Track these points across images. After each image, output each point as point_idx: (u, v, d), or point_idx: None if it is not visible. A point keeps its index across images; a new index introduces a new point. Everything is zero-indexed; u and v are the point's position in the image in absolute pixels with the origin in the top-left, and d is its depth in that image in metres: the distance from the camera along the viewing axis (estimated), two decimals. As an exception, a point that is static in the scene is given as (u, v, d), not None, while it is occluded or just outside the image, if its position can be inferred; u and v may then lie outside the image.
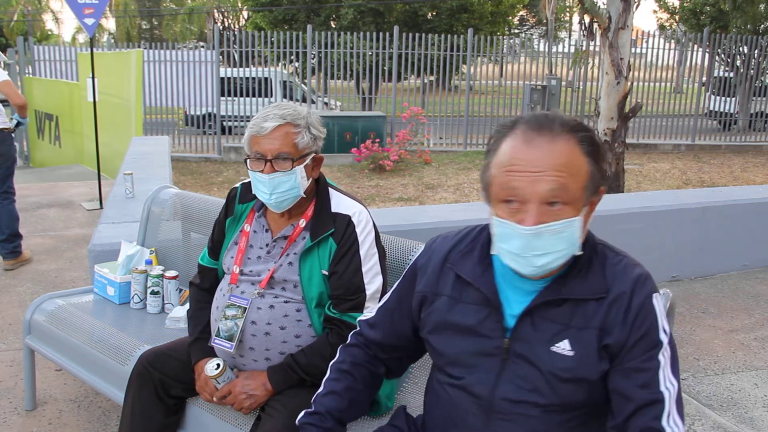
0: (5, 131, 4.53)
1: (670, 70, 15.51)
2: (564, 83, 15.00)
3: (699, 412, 2.87)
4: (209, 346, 1.93)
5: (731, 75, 15.13)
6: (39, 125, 10.23)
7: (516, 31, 35.15)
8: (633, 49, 8.44)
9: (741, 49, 14.59)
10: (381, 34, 12.84)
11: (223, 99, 12.46)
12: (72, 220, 6.02)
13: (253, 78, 13.38)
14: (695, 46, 14.28)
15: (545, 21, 30.25)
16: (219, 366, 1.81)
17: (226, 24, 40.27)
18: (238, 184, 2.07)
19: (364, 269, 1.86)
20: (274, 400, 1.80)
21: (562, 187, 1.22)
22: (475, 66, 15.28)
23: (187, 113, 13.50)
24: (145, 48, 11.89)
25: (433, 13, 21.05)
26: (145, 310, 2.62)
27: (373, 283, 1.87)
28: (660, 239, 4.47)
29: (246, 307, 1.87)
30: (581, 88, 14.16)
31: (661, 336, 1.29)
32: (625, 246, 4.82)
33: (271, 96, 14.31)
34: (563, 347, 1.30)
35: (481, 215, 1.40)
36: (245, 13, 35.95)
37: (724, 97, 15.32)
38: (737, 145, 14.06)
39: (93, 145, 6.83)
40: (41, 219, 6.04)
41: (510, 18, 26.07)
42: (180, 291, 2.62)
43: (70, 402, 2.82)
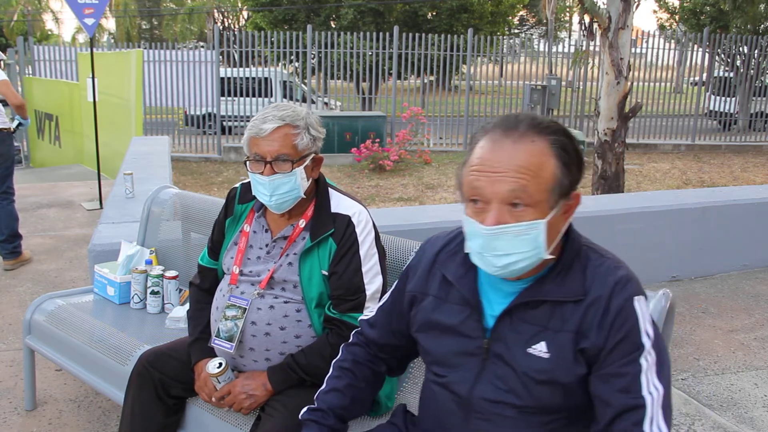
0: (5, 131, 4.53)
1: (670, 70, 15.51)
2: (564, 83, 15.00)
3: (699, 412, 2.87)
4: (209, 347, 1.93)
5: (731, 75, 15.13)
6: (39, 125, 10.23)
7: (516, 31, 35.15)
8: (633, 49, 8.44)
9: (741, 49, 14.59)
10: (381, 34, 12.84)
11: (223, 99, 12.46)
12: (72, 220, 6.02)
13: (253, 78, 13.38)
14: (695, 46, 14.29)
15: (545, 21, 30.25)
16: (221, 365, 1.81)
17: (226, 24, 40.27)
18: (238, 185, 2.07)
19: (364, 269, 1.86)
20: (274, 400, 1.80)
21: (522, 188, 1.21)
22: (475, 66, 15.28)
23: (187, 113, 13.51)
24: (145, 48, 11.89)
25: (433, 13, 21.05)
26: (145, 310, 2.62)
27: (373, 283, 1.87)
28: (660, 239, 4.47)
29: (246, 308, 1.87)
30: (581, 88, 14.16)
31: (642, 339, 1.25)
32: (625, 246, 4.82)
33: (271, 96, 14.31)
34: (539, 349, 1.29)
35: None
36: (245, 13, 35.95)
37: (724, 97, 15.32)
38: (737, 145, 14.06)
39: (93, 145, 6.83)
40: (41, 219, 6.04)
41: (510, 18, 26.07)
42: (180, 291, 2.62)
43: (70, 402, 2.82)
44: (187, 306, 2.25)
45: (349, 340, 1.63)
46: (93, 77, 6.70)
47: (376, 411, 1.88)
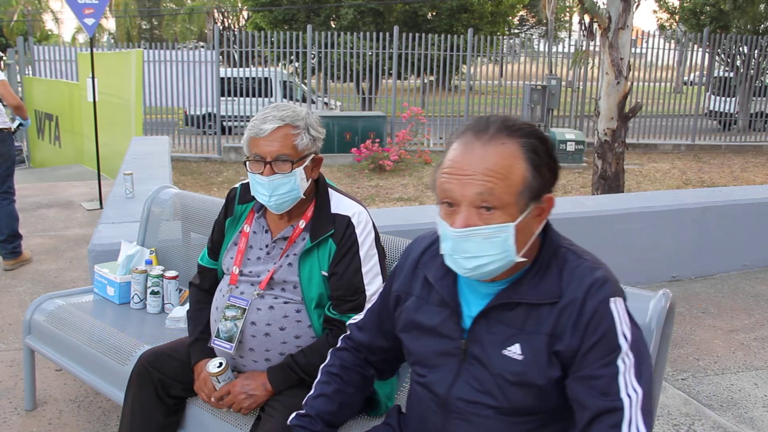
0: (6, 131, 4.53)
1: (670, 70, 15.51)
2: (564, 83, 14.98)
3: (699, 412, 2.87)
4: (209, 347, 1.93)
5: (731, 75, 15.13)
6: (39, 125, 10.23)
7: (516, 31, 35.14)
8: (633, 49, 8.44)
9: (741, 49, 14.60)
10: (381, 34, 12.84)
11: (223, 99, 12.46)
12: (72, 220, 6.02)
13: (253, 78, 13.38)
14: (695, 46, 14.29)
15: (545, 21, 30.24)
16: (221, 365, 1.81)
17: (226, 24, 40.27)
18: (238, 185, 2.07)
19: (363, 270, 1.86)
20: (274, 400, 1.80)
21: (489, 191, 1.21)
22: (475, 66, 15.28)
23: (187, 113, 13.51)
24: (145, 48, 11.90)
25: (433, 13, 21.05)
26: (145, 310, 2.62)
27: (373, 283, 1.87)
28: (660, 239, 4.47)
29: (245, 308, 1.87)
30: (581, 88, 14.16)
31: (620, 341, 1.23)
32: (625, 246, 4.79)
33: (271, 96, 14.31)
34: (514, 351, 1.29)
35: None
36: (245, 13, 35.95)
37: (724, 97, 15.33)
38: (737, 145, 14.07)
39: (93, 145, 6.83)
40: (41, 219, 6.04)
41: (510, 18, 26.09)
42: (180, 291, 2.62)
43: (70, 402, 2.82)
44: (186, 306, 2.25)
45: (337, 345, 1.63)
46: (93, 77, 6.70)
47: (376, 411, 1.88)
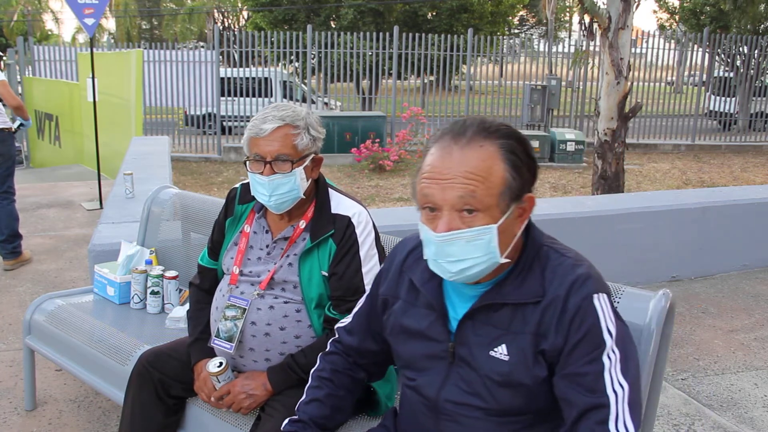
0: (6, 131, 4.53)
1: (670, 70, 15.51)
2: (564, 83, 14.99)
3: (699, 412, 2.87)
4: (209, 347, 1.93)
5: (731, 75, 15.13)
6: (39, 125, 10.24)
7: (516, 31, 35.15)
8: (633, 49, 8.44)
9: (741, 49, 14.60)
10: (381, 34, 12.85)
11: (223, 99, 12.46)
12: (72, 220, 6.02)
13: (253, 78, 13.38)
14: (695, 46, 14.29)
15: (545, 21, 30.24)
16: (221, 364, 1.81)
17: (226, 24, 40.27)
18: (238, 185, 2.07)
19: (364, 270, 1.86)
20: (274, 400, 1.80)
21: (471, 193, 1.21)
22: (475, 66, 15.28)
23: (187, 113, 13.51)
24: (145, 48, 11.90)
25: (433, 13, 21.05)
26: (145, 310, 2.62)
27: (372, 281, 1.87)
28: (660, 239, 4.47)
29: (245, 308, 1.87)
30: (581, 88, 14.16)
31: (604, 337, 1.23)
32: (625, 246, 4.78)
33: (271, 96, 14.31)
34: (501, 352, 1.30)
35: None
36: (245, 13, 35.94)
37: (724, 97, 15.33)
38: (737, 145, 14.07)
39: (93, 145, 6.83)
40: (41, 219, 6.04)
41: (510, 18, 26.09)
42: (180, 291, 2.61)
43: (70, 402, 2.82)
44: (187, 306, 2.25)
45: (326, 349, 1.63)
46: (93, 77, 6.70)
47: (377, 411, 1.88)
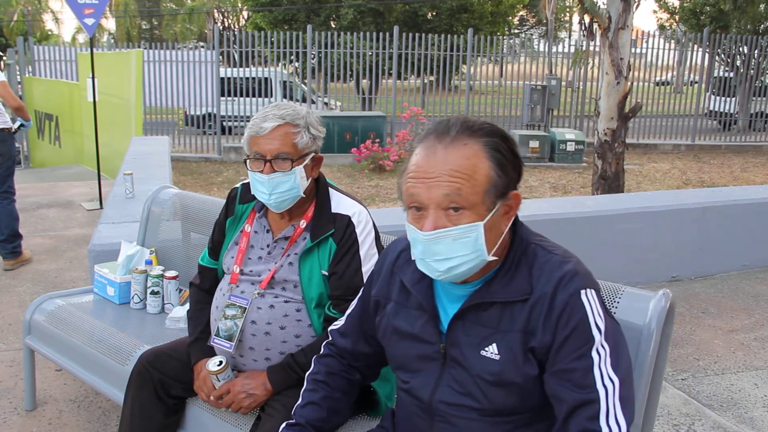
0: (6, 131, 4.53)
1: (670, 70, 15.50)
2: (564, 83, 14.99)
3: (699, 412, 2.87)
4: (209, 346, 1.93)
5: (731, 75, 15.13)
6: (39, 125, 10.24)
7: (516, 31, 35.15)
8: (633, 49, 8.44)
9: (741, 49, 14.60)
10: (381, 34, 12.85)
11: (223, 99, 12.46)
12: (72, 220, 6.01)
13: (253, 78, 13.38)
14: (695, 46, 14.29)
15: (545, 21, 30.24)
16: (221, 363, 1.81)
17: (226, 24, 40.28)
18: (239, 185, 2.07)
19: (364, 269, 1.86)
20: (274, 400, 1.80)
21: (456, 191, 1.21)
22: (475, 66, 15.28)
23: (187, 113, 13.51)
24: (145, 48, 11.90)
25: (433, 13, 21.05)
26: (145, 310, 2.62)
27: (367, 282, 1.87)
28: (660, 239, 4.47)
29: (246, 307, 1.87)
30: (581, 88, 14.16)
31: (593, 332, 1.23)
32: (625, 246, 4.78)
33: (271, 96, 14.31)
34: (491, 351, 1.29)
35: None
36: (245, 13, 35.95)
37: (724, 97, 15.33)
38: (737, 145, 14.07)
39: (93, 145, 6.83)
40: (41, 219, 6.04)
41: (510, 18, 26.09)
42: (180, 291, 2.61)
43: (70, 402, 2.82)
44: (187, 306, 2.25)
45: (320, 352, 1.63)
46: (93, 77, 6.70)
47: (377, 411, 1.88)
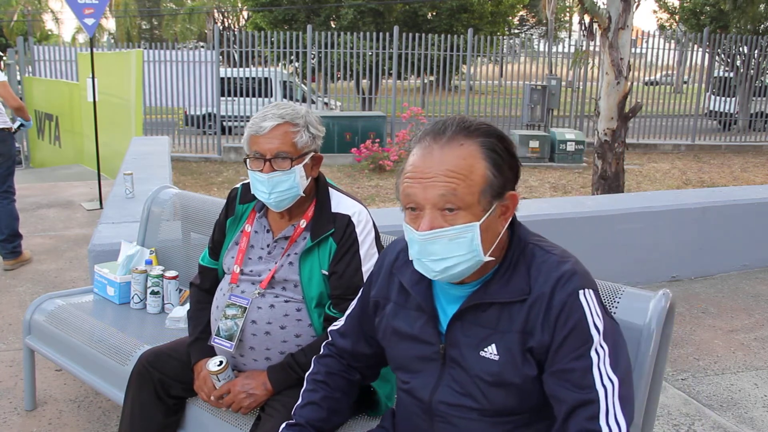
0: (6, 131, 4.53)
1: (670, 70, 15.50)
2: (564, 83, 14.99)
3: (699, 412, 2.87)
4: (209, 346, 1.93)
5: (731, 75, 15.13)
6: (39, 125, 10.24)
7: (516, 31, 35.15)
8: (633, 49, 8.44)
9: (741, 49, 14.60)
10: (381, 34, 12.84)
11: (223, 99, 12.46)
12: (72, 220, 6.01)
13: (253, 78, 13.38)
14: (695, 46, 14.29)
15: (545, 21, 30.24)
16: (221, 363, 1.81)
17: (226, 24, 40.28)
18: (239, 185, 2.07)
19: (364, 269, 1.86)
20: (274, 400, 1.80)
21: (452, 192, 1.21)
22: (475, 66, 15.28)
23: (187, 113, 13.51)
24: (145, 48, 11.89)
25: (433, 13, 21.05)
26: (145, 310, 2.62)
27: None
28: (660, 239, 4.47)
29: (246, 307, 1.87)
30: (581, 88, 14.16)
31: (591, 332, 1.23)
32: (625, 246, 4.78)
33: (271, 96, 14.32)
34: (490, 351, 1.29)
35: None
36: (245, 13, 35.95)
37: (724, 97, 15.33)
38: (737, 145, 14.07)
39: (93, 145, 6.83)
40: (41, 219, 6.04)
41: (510, 18, 26.09)
42: (180, 291, 2.61)
43: (70, 402, 2.82)
44: (187, 306, 2.25)
45: (320, 352, 1.63)
46: (93, 77, 6.69)
47: (377, 411, 1.88)
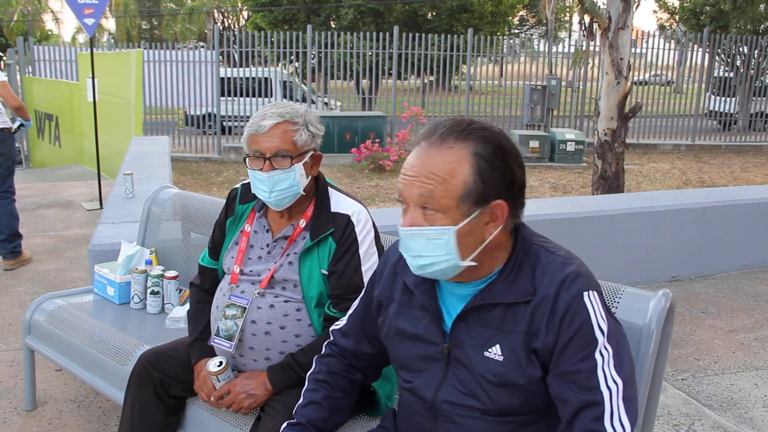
0: (6, 131, 4.53)
1: (670, 70, 15.51)
2: (564, 83, 14.99)
3: (699, 412, 2.87)
4: (209, 346, 1.93)
5: (731, 75, 15.13)
6: (39, 125, 10.24)
7: (516, 31, 35.15)
8: (633, 49, 8.44)
9: (741, 49, 14.60)
10: (381, 34, 12.85)
11: (223, 99, 12.46)
12: (72, 220, 6.01)
13: (253, 78, 13.38)
14: (695, 46, 14.29)
15: (545, 21, 30.24)
16: (221, 363, 1.81)
17: (226, 24, 40.28)
18: (239, 185, 2.07)
19: (363, 268, 1.86)
20: (274, 400, 1.80)
21: (429, 193, 1.23)
22: (475, 66, 15.28)
23: (187, 113, 13.51)
24: (145, 48, 11.89)
25: (433, 13, 21.05)
26: (145, 310, 2.62)
27: (369, 282, 1.87)
28: (660, 239, 4.47)
29: (246, 307, 1.87)
30: (581, 88, 14.16)
31: (596, 334, 1.23)
32: (625, 246, 4.78)
33: (271, 96, 14.32)
34: (495, 352, 1.30)
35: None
36: (245, 13, 35.95)
37: (724, 97, 15.33)
38: (737, 145, 14.07)
39: (93, 145, 6.83)
40: (41, 219, 6.03)
41: (510, 18, 26.09)
42: (180, 291, 2.61)
43: (70, 402, 2.82)
44: (187, 306, 2.25)
45: (322, 352, 1.63)
46: (93, 77, 6.69)
47: (377, 411, 1.88)
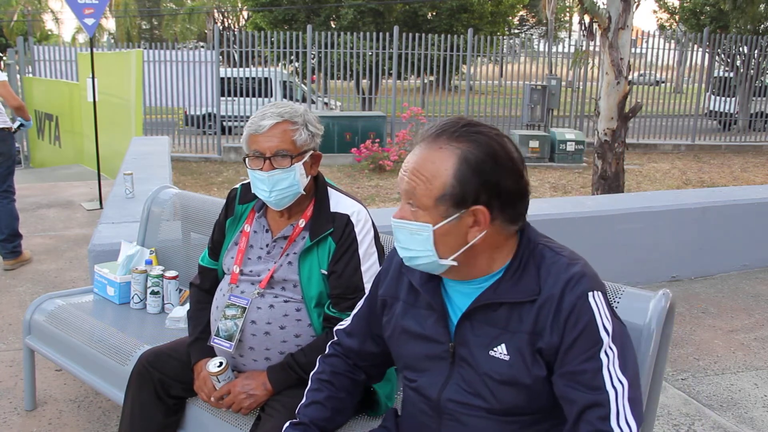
0: (6, 130, 4.53)
1: (670, 70, 15.51)
2: (564, 83, 14.99)
3: (699, 412, 2.87)
4: (209, 346, 1.93)
5: (731, 75, 15.13)
6: (39, 125, 10.24)
7: (516, 31, 35.15)
8: (633, 49, 8.44)
9: (741, 49, 14.60)
10: (381, 34, 12.85)
11: (223, 99, 12.46)
12: (72, 220, 6.01)
13: (253, 78, 13.39)
14: (695, 46, 14.29)
15: (545, 21, 30.24)
16: (221, 364, 1.81)
17: (226, 24, 40.28)
18: (238, 185, 2.07)
19: (363, 268, 1.86)
20: (274, 400, 1.80)
21: (412, 190, 1.28)
22: (475, 66, 15.29)
23: (187, 113, 13.51)
24: (145, 48, 11.90)
25: (433, 13, 21.06)
26: (145, 310, 2.62)
27: (372, 282, 1.87)
28: (660, 239, 4.47)
29: (246, 307, 1.87)
30: (581, 88, 14.16)
31: (601, 334, 1.24)
32: (625, 246, 4.79)
33: (271, 96, 14.32)
34: (500, 351, 1.30)
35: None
36: (245, 13, 35.95)
37: (724, 97, 15.33)
38: (737, 145, 14.07)
39: (93, 145, 6.83)
40: (41, 219, 6.03)
41: (510, 18, 26.10)
42: (180, 291, 2.61)
43: (70, 402, 2.82)
44: (187, 306, 2.25)
45: (325, 351, 1.64)
46: (93, 77, 6.69)
47: (377, 411, 1.88)
